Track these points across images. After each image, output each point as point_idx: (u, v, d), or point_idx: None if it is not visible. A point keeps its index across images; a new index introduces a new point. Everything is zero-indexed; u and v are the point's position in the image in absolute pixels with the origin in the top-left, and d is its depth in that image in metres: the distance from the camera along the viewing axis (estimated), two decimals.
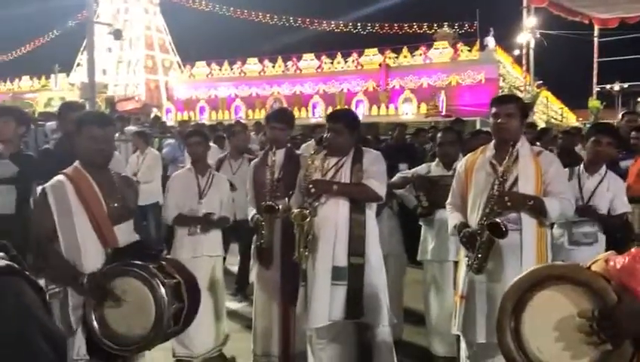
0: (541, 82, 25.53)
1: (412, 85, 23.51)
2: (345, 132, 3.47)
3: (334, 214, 3.40)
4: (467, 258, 3.16)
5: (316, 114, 23.11)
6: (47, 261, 2.72)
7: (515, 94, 10.50)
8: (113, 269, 2.60)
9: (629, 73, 25.21)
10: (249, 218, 4.07)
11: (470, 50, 23.74)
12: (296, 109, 21.79)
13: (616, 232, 3.86)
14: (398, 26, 31.73)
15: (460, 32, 27.45)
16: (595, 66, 24.51)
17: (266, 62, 27.52)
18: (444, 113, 20.41)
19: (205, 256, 4.24)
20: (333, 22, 33.42)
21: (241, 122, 8.69)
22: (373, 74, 24.65)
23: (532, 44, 23.55)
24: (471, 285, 3.18)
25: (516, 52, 25.91)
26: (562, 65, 32.21)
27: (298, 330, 3.86)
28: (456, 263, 3.68)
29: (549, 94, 27.47)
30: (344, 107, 17.63)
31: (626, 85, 26.10)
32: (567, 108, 30.93)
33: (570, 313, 1.63)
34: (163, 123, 13.61)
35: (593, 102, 22.96)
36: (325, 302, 3.37)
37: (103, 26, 21.42)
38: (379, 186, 3.42)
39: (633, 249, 1.57)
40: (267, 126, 4.18)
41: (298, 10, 34.54)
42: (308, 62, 26.55)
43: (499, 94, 13.20)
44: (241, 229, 5.24)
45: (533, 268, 1.88)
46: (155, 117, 15.86)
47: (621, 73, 26.12)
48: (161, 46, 33.07)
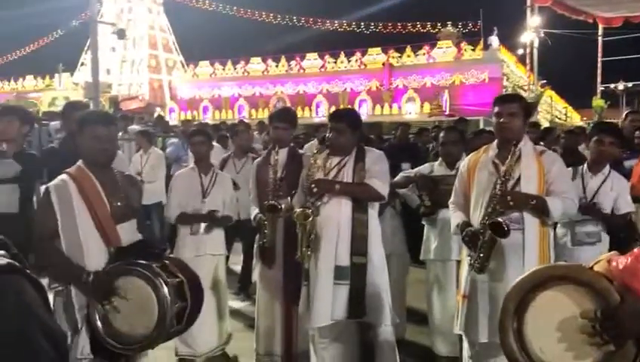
0: (545, 81, 25.49)
1: (415, 85, 23.47)
2: (347, 131, 3.46)
3: (337, 214, 3.40)
4: (469, 257, 3.16)
5: (319, 113, 23.08)
6: (49, 259, 2.72)
7: (518, 93, 10.46)
8: (116, 268, 2.60)
9: (633, 72, 25.13)
10: (251, 217, 4.08)
11: (474, 49, 23.69)
12: (299, 109, 21.79)
13: (619, 232, 3.85)
14: (402, 26, 31.70)
15: (464, 32, 27.41)
16: (599, 65, 24.39)
17: (270, 61, 27.51)
18: (447, 112, 20.38)
19: (208, 255, 4.24)
20: (336, 21, 33.44)
21: (244, 122, 8.72)
22: (376, 73, 24.61)
23: (536, 44, 23.48)
24: (473, 284, 3.18)
25: (520, 51, 25.87)
26: (566, 64, 32.10)
27: (301, 329, 3.86)
28: (458, 262, 3.67)
29: (553, 93, 27.40)
30: (347, 106, 17.66)
31: (630, 84, 26.01)
32: (571, 107, 30.84)
33: (572, 313, 1.63)
34: (166, 122, 13.62)
35: (597, 101, 22.89)
36: (328, 302, 3.37)
37: (107, 26, 21.44)
38: (381, 186, 3.42)
39: (636, 249, 1.56)
40: (270, 125, 4.19)
41: (301, 9, 34.57)
42: (311, 61, 26.53)
43: (501, 93, 13.17)
44: (244, 228, 5.24)
45: (535, 269, 1.87)
46: (159, 116, 15.89)
47: (625, 72, 26.03)
48: (164, 45, 33.12)
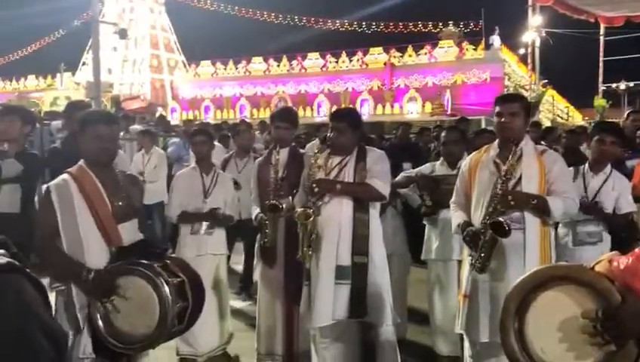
0: (546, 81, 25.48)
1: (417, 84, 23.49)
2: (348, 131, 3.46)
3: (338, 213, 3.40)
4: (470, 257, 3.16)
5: (321, 113, 23.11)
6: (50, 259, 2.72)
7: (519, 93, 10.45)
8: (117, 268, 2.60)
9: (635, 72, 25.07)
10: (253, 217, 4.08)
11: (475, 48, 23.70)
12: (301, 108, 21.82)
13: (621, 232, 3.84)
14: (403, 25, 31.67)
15: (465, 31, 27.41)
16: (601, 65, 24.33)
17: (271, 61, 27.54)
18: (449, 112, 20.38)
19: (209, 255, 4.24)
20: (338, 21, 33.44)
21: (245, 121, 8.70)
22: (378, 73, 24.63)
23: (537, 43, 23.47)
24: (474, 284, 3.18)
25: (521, 51, 25.86)
26: (568, 63, 32.08)
27: (302, 329, 3.85)
28: (460, 262, 3.67)
29: (555, 93, 27.38)
30: (348, 106, 17.65)
31: (632, 84, 25.94)
32: (572, 107, 30.80)
33: (573, 314, 1.62)
34: (168, 122, 13.63)
35: (599, 101, 22.85)
36: (329, 302, 3.37)
37: (109, 26, 21.50)
38: (382, 185, 3.42)
39: (637, 249, 1.56)
40: (271, 125, 4.18)
41: (303, 9, 34.56)
42: (313, 61, 26.55)
43: (503, 93, 13.15)
44: (245, 228, 5.24)
45: (536, 269, 1.87)
46: (160, 116, 15.91)
47: (627, 72, 25.97)
48: (166, 45, 33.15)
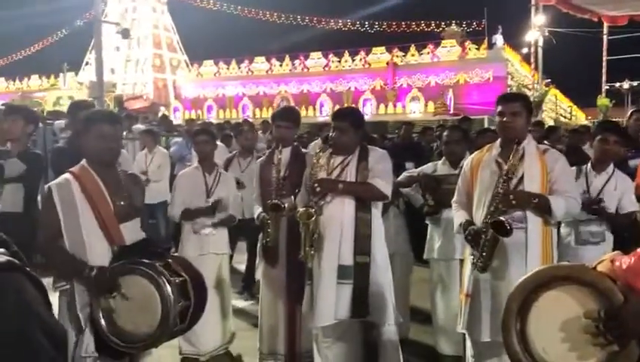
0: (549, 80, 25.41)
1: (420, 84, 23.47)
2: (350, 130, 3.46)
3: (340, 213, 3.40)
4: (472, 256, 3.16)
5: (323, 112, 23.11)
6: (52, 258, 2.73)
7: (521, 93, 10.43)
8: (119, 267, 2.60)
9: (639, 71, 25.05)
10: (255, 216, 4.08)
11: (478, 48, 23.65)
12: (303, 108, 21.81)
13: (624, 231, 3.83)
14: (406, 25, 31.63)
15: (468, 30, 27.33)
16: (604, 64, 24.30)
17: (274, 60, 27.53)
18: (452, 112, 20.35)
19: (212, 254, 4.25)
20: (340, 20, 33.40)
21: (248, 121, 8.73)
22: (380, 72, 24.60)
23: (540, 42, 23.43)
24: (476, 283, 3.18)
25: (524, 50, 25.80)
26: (571, 63, 32.01)
27: (304, 329, 3.86)
28: (462, 261, 3.67)
29: (558, 92, 27.33)
30: (351, 105, 17.63)
31: (635, 83, 25.93)
32: (575, 106, 30.75)
33: (576, 314, 1.62)
34: (170, 121, 13.66)
35: (602, 100, 22.81)
36: (331, 301, 3.37)
37: (111, 25, 21.50)
38: (384, 185, 3.42)
39: (639, 249, 1.56)
40: (273, 124, 4.18)
41: (305, 8, 34.53)
42: (315, 60, 26.54)
43: (505, 92, 13.13)
44: (248, 227, 5.25)
45: (538, 269, 1.87)
46: (163, 115, 15.95)
47: (630, 71, 25.98)
48: (168, 45, 33.16)
